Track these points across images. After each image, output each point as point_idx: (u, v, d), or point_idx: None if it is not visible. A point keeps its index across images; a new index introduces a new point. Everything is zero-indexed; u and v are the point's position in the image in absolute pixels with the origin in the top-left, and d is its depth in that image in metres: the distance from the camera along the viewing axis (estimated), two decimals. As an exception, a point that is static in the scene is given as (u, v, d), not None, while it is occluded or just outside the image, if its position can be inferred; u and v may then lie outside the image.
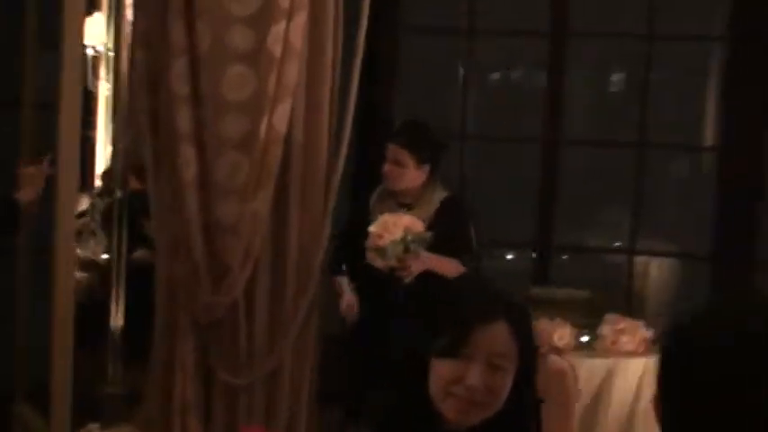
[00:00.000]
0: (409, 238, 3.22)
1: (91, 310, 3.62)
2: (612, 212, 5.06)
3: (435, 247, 3.31)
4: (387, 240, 3.22)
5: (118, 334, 3.51)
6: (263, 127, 3.18)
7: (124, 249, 3.53)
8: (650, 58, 4.55)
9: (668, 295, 4.91)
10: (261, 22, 3.14)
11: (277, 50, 3.15)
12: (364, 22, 3.26)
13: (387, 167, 3.44)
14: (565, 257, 4.86)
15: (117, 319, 3.50)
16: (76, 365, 3.17)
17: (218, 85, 3.19)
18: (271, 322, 3.34)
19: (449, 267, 3.30)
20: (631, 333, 3.73)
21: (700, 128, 5.01)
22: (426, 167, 3.43)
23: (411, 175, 3.43)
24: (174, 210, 3.30)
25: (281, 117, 3.21)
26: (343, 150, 3.31)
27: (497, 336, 1.53)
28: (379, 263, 3.28)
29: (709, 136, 4.88)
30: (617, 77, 5.53)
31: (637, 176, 4.59)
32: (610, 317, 3.80)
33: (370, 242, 3.27)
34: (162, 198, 3.35)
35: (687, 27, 4.80)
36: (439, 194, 3.47)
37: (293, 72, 3.21)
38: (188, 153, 3.23)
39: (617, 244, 4.87)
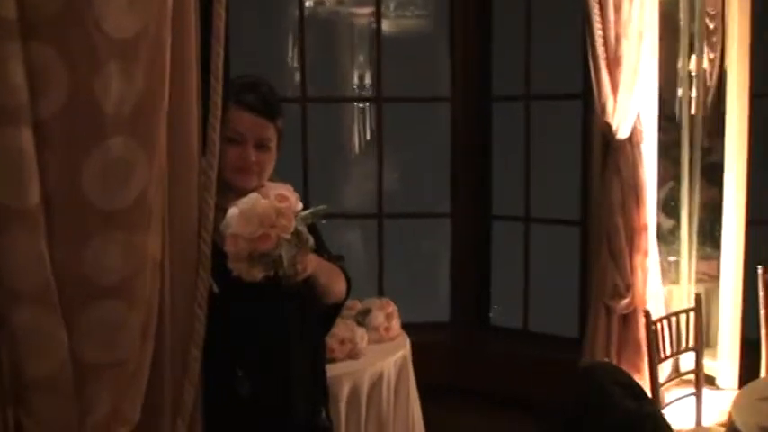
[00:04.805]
0: (301, 228, 1.93)
1: None
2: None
3: None
4: (277, 239, 1.88)
5: None
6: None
7: None
8: None
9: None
10: None
11: None
12: None
13: (253, 155, 2.08)
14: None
15: None
16: None
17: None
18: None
19: (337, 282, 2.25)
20: (395, 315, 3.17)
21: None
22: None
23: (273, 161, 2.18)
24: None
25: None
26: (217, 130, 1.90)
27: None
28: (257, 274, 1.98)
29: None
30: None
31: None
32: (376, 302, 3.15)
33: (240, 250, 1.88)
34: None
35: None
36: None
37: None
38: (21, 141, 1.47)
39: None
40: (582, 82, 4.32)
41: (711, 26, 4.15)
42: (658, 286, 3.67)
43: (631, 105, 3.45)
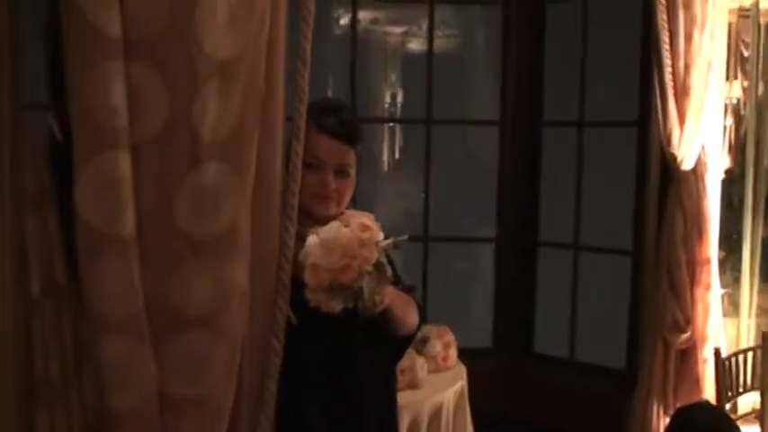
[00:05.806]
0: (382, 259, 1.87)
1: None
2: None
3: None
4: (359, 270, 1.83)
5: None
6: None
7: None
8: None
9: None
10: None
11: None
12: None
13: (332, 181, 2.01)
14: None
15: None
16: None
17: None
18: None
19: (411, 314, 2.18)
20: (453, 343, 3.10)
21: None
22: None
23: (352, 187, 2.12)
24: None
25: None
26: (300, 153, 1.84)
27: None
28: (336, 306, 1.91)
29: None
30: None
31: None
32: (433, 330, 3.08)
33: (320, 281, 1.81)
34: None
35: None
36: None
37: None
38: (119, 166, 1.42)
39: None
40: (638, 109, 4.26)
41: (746, 54, 4.10)
42: (719, 321, 3.57)
43: (698, 136, 3.36)
